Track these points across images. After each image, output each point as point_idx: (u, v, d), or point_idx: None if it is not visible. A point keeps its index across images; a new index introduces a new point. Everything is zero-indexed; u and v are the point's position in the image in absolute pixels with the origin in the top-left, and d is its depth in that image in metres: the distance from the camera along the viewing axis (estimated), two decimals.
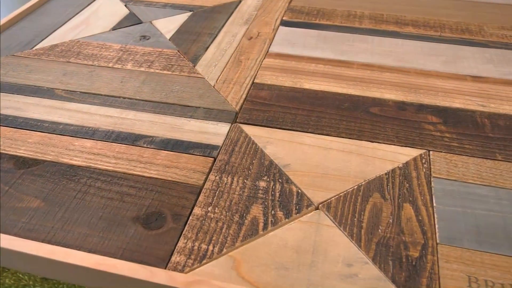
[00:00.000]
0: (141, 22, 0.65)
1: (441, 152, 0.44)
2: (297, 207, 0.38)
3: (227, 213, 0.38)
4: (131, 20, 0.65)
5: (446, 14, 0.68)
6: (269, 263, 0.34)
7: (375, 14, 0.67)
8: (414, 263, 0.34)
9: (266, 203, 0.39)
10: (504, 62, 0.57)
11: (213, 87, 0.52)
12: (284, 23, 0.65)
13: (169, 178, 0.41)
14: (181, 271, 0.34)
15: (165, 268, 0.34)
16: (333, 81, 0.53)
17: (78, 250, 0.35)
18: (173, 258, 0.34)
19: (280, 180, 0.41)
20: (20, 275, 0.37)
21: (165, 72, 0.55)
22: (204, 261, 0.34)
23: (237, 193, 0.40)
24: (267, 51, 0.59)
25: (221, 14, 0.67)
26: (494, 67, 0.56)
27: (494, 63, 0.57)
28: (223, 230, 0.36)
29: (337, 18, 0.66)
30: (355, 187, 0.40)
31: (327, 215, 0.38)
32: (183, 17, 0.66)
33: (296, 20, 0.66)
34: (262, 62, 0.56)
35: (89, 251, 0.35)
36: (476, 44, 0.61)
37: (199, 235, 0.36)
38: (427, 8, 0.69)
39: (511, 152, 0.44)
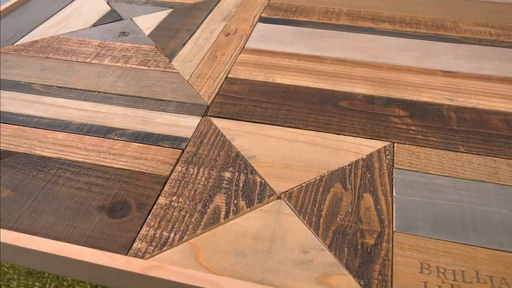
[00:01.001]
0: (121, 19, 0.66)
1: (405, 144, 0.45)
2: (259, 197, 0.39)
3: (191, 203, 0.39)
4: (111, 17, 0.66)
5: (423, 11, 0.69)
6: (227, 249, 0.35)
7: (353, 11, 0.68)
8: (369, 250, 0.35)
9: (229, 193, 0.40)
10: (476, 57, 0.58)
11: (187, 81, 0.53)
12: (262, 20, 0.66)
13: (137, 169, 0.42)
14: (142, 257, 0.35)
15: (126, 255, 0.35)
16: (305, 76, 0.54)
17: (43, 237, 0.36)
18: (134, 245, 0.35)
19: (245, 171, 0.42)
20: (5, 269, 0.38)
21: (141, 67, 0.56)
22: (165, 248, 0.35)
23: (202, 183, 0.41)
24: (243, 47, 0.59)
25: (201, 11, 0.68)
26: (465, 62, 0.57)
27: (466, 58, 0.58)
28: (186, 219, 0.37)
29: (315, 15, 0.67)
30: (318, 177, 0.41)
31: (288, 204, 0.39)
32: (163, 14, 0.67)
33: (275, 17, 0.67)
34: (237, 57, 0.57)
35: (54, 238, 0.36)
36: (450, 40, 0.61)
37: (161, 223, 0.37)
38: (405, 5, 0.70)
39: (474, 144, 0.45)
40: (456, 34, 0.63)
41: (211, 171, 0.42)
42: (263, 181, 0.41)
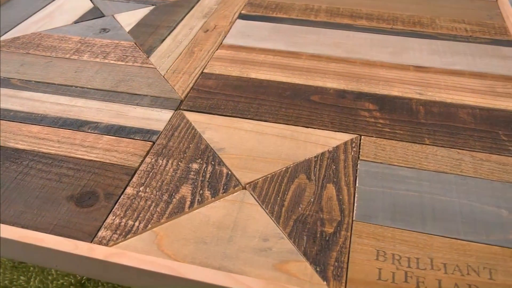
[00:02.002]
0: (103, 16, 0.67)
1: (372, 137, 0.46)
2: (224, 187, 0.40)
3: (157, 193, 0.40)
4: (94, 13, 0.67)
5: (401, 8, 0.69)
6: (189, 237, 0.36)
7: (332, 8, 0.69)
8: (327, 238, 0.36)
9: (195, 184, 0.40)
10: (450, 53, 0.59)
11: (163, 76, 0.54)
12: (242, 17, 0.67)
13: (107, 161, 0.43)
14: (106, 244, 0.36)
15: (91, 242, 0.36)
16: (279, 71, 0.55)
17: (12, 226, 0.37)
18: (99, 233, 0.36)
19: (212, 162, 0.43)
20: None
21: (119, 62, 0.57)
22: (129, 236, 0.36)
23: (169, 174, 0.41)
24: (221, 43, 0.60)
25: (182, 8, 0.69)
26: (439, 57, 0.58)
27: (439, 54, 0.59)
28: (151, 208, 0.38)
29: (294, 12, 0.68)
30: (283, 169, 0.42)
31: (252, 194, 0.39)
32: (144, 11, 0.68)
33: (254, 13, 0.68)
34: (214, 53, 0.58)
35: (22, 227, 0.37)
36: (425, 36, 0.62)
37: (127, 212, 0.38)
38: (383, 2, 0.71)
39: (440, 137, 0.46)
40: (432, 30, 0.64)
41: (179, 163, 0.43)
42: (229, 172, 0.42)
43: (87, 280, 0.47)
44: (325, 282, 0.33)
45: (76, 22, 0.65)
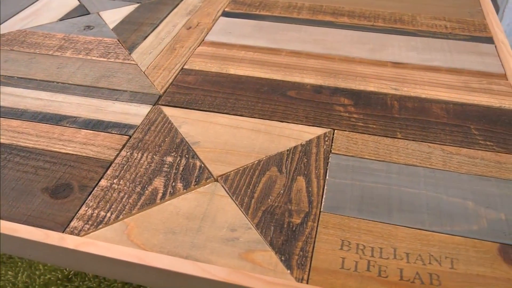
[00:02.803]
0: (88, 13, 0.68)
1: (345, 131, 0.46)
2: (196, 179, 0.41)
3: (131, 185, 0.40)
4: (79, 11, 0.68)
5: (383, 5, 0.70)
6: (159, 228, 0.37)
7: (315, 5, 0.70)
8: (294, 228, 0.37)
9: (169, 176, 0.41)
10: (428, 49, 0.59)
11: (143, 72, 0.55)
12: (225, 14, 0.68)
13: (84, 154, 0.44)
14: (77, 234, 0.36)
15: (63, 232, 0.37)
16: (258, 67, 0.56)
17: None
18: (72, 224, 0.37)
19: (186, 155, 0.43)
20: None
21: (101, 59, 0.57)
22: (100, 226, 0.37)
23: (143, 167, 0.42)
24: (203, 40, 0.61)
25: (167, 6, 0.70)
26: (417, 54, 0.59)
27: (418, 50, 0.59)
28: (123, 200, 0.39)
29: (277, 9, 0.69)
30: (256, 162, 0.43)
31: (223, 186, 0.40)
32: (129, 8, 0.69)
33: (237, 11, 0.68)
34: (195, 50, 0.59)
35: None
36: (405, 33, 0.63)
37: (100, 203, 0.39)
38: (366, 0, 0.72)
39: (412, 131, 0.46)
40: (412, 27, 0.64)
41: (154, 156, 0.43)
42: (202, 165, 0.42)
43: (74, 275, 0.48)
44: (288, 271, 0.34)
45: (61, 19, 0.66)
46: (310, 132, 0.46)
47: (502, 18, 1.17)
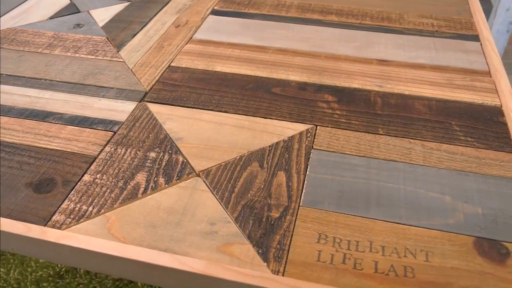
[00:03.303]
0: (78, 12, 0.68)
1: (328, 127, 0.47)
2: (178, 174, 0.41)
3: (113, 180, 0.41)
4: (69, 9, 0.69)
5: (371, 3, 0.71)
6: (139, 222, 0.37)
7: (303, 3, 0.70)
8: (272, 222, 0.37)
9: (151, 171, 0.42)
10: (414, 47, 0.60)
11: (131, 70, 0.55)
12: (214, 12, 0.68)
13: (68, 150, 0.44)
14: (59, 228, 0.37)
15: (45, 226, 0.37)
16: (245, 65, 0.56)
17: None
18: (54, 217, 0.38)
19: (170, 151, 0.44)
20: None
21: (89, 56, 0.58)
22: (82, 220, 0.38)
23: (127, 162, 0.43)
24: (191, 38, 0.62)
25: (156, 4, 0.70)
26: (403, 52, 0.59)
27: (404, 48, 0.60)
28: (106, 194, 0.40)
29: (266, 8, 0.69)
30: (238, 157, 0.43)
31: (204, 181, 0.41)
32: (119, 7, 0.69)
33: (227, 9, 0.69)
34: (183, 47, 0.60)
35: None
36: (392, 31, 0.64)
37: (82, 198, 0.39)
38: None
39: (394, 127, 0.47)
40: (399, 25, 0.65)
41: (137, 152, 0.44)
42: (185, 160, 0.43)
43: (66, 272, 0.48)
44: (265, 263, 0.34)
45: (51, 17, 0.67)
46: (293, 128, 0.47)
47: (495, 16, 1.18)
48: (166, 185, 0.40)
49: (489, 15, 1.29)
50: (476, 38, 0.62)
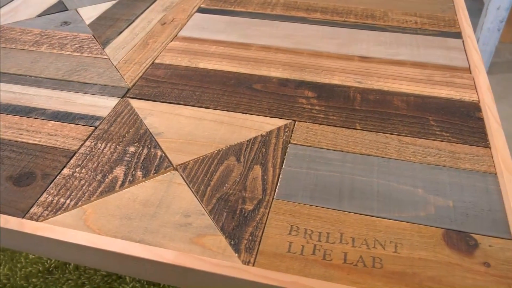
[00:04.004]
0: (66, 10, 0.69)
1: (306, 122, 0.48)
2: (156, 168, 0.42)
3: (92, 173, 0.42)
4: (58, 7, 0.69)
5: (356, 1, 0.71)
6: (115, 214, 0.38)
7: (289, 1, 0.71)
8: (246, 214, 0.38)
9: (129, 165, 0.43)
10: (396, 44, 0.60)
11: (115, 66, 0.56)
12: (201, 10, 0.69)
13: (49, 144, 0.45)
14: (36, 220, 0.38)
15: (23, 218, 0.38)
16: (227, 61, 0.57)
17: None
18: (32, 210, 0.38)
19: (149, 146, 0.45)
20: None
21: (74, 53, 0.59)
22: (59, 212, 0.38)
23: (106, 156, 0.43)
24: (176, 35, 0.62)
25: (144, 2, 0.71)
26: (384, 48, 0.60)
27: (386, 45, 0.60)
28: (84, 187, 0.40)
29: (252, 5, 0.70)
30: (215, 151, 0.44)
31: (181, 175, 0.42)
32: (107, 5, 0.70)
33: (213, 7, 0.70)
34: (167, 45, 0.60)
35: None
36: (375, 28, 0.64)
37: (61, 191, 0.40)
38: None
39: (371, 122, 0.48)
40: (383, 23, 0.65)
41: (117, 146, 0.45)
42: (163, 154, 0.44)
43: (55, 268, 0.49)
44: (236, 254, 0.35)
45: (39, 15, 0.67)
46: (272, 124, 0.47)
47: (486, 15, 1.18)
48: (144, 179, 0.41)
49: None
50: (458, 35, 0.63)
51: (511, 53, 1.41)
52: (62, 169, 0.42)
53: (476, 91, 0.52)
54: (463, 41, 0.61)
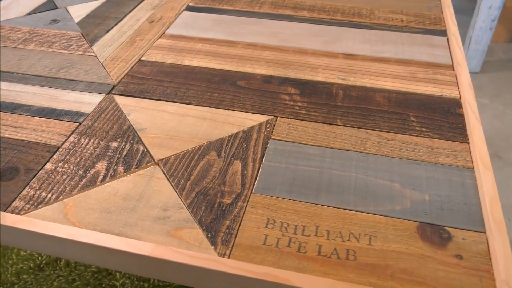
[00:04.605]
0: (56, 8, 0.70)
1: (288, 118, 0.48)
2: (138, 163, 0.43)
3: (74, 168, 0.42)
4: (47, 5, 0.70)
5: None
6: (95, 207, 0.39)
7: (277, 0, 0.72)
8: (224, 208, 0.39)
9: (111, 160, 0.43)
10: (381, 42, 0.61)
11: (101, 64, 0.57)
12: (189, 8, 0.69)
13: (33, 140, 0.45)
14: (17, 213, 0.38)
15: (4, 211, 0.38)
16: (213, 59, 0.58)
17: None
18: (14, 203, 0.39)
19: (131, 141, 0.45)
20: None
21: (62, 51, 0.59)
22: (40, 206, 0.39)
23: (89, 152, 0.44)
24: (163, 33, 0.63)
25: (133, 1, 0.71)
26: (370, 46, 0.60)
27: (371, 42, 0.61)
28: (65, 182, 0.41)
29: (240, 4, 0.70)
30: (196, 147, 0.45)
31: (162, 169, 0.42)
32: (96, 3, 0.70)
33: (201, 5, 0.70)
34: (154, 42, 0.61)
35: None
36: (361, 26, 0.65)
37: (43, 185, 0.41)
38: None
39: (352, 118, 0.48)
40: (369, 21, 0.66)
41: (100, 142, 0.45)
42: (145, 149, 0.44)
43: (46, 265, 0.49)
44: (212, 247, 0.35)
45: (29, 14, 0.68)
46: (254, 120, 0.48)
47: (478, 14, 1.19)
48: (125, 173, 0.42)
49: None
50: (443, 33, 0.63)
51: (504, 52, 1.41)
52: (45, 164, 0.43)
53: (458, 88, 0.53)
54: (447, 39, 0.62)
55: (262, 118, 0.48)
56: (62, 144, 0.45)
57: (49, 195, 0.40)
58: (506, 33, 1.50)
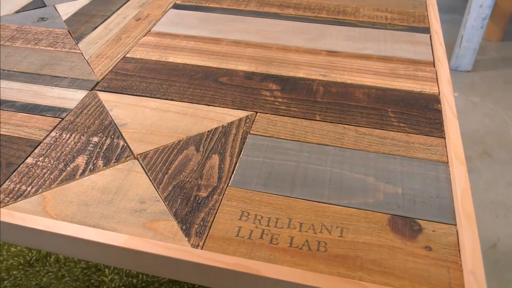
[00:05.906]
0: (44, 6, 0.70)
1: (267, 114, 0.49)
2: (117, 157, 0.43)
3: (54, 162, 0.43)
4: (36, 3, 0.71)
5: None
6: (73, 200, 0.39)
7: None
8: (199, 201, 0.39)
9: (91, 154, 0.44)
10: (364, 39, 0.62)
11: (86, 60, 0.57)
12: (176, 6, 0.70)
13: (16, 135, 0.46)
14: None
15: None
16: (197, 56, 0.58)
17: None
18: None
19: (112, 136, 0.46)
20: None
21: (48, 48, 0.60)
22: (20, 199, 0.40)
23: (69, 146, 0.45)
24: (149, 31, 0.64)
25: None
26: (352, 43, 0.61)
27: (354, 40, 0.62)
28: (45, 176, 0.42)
29: (226, 2, 0.71)
30: (176, 141, 0.45)
31: (140, 164, 0.43)
32: (84, 1, 0.71)
33: (188, 3, 0.71)
34: (140, 40, 0.62)
35: None
36: (345, 24, 0.65)
37: (23, 179, 0.41)
38: None
39: (331, 114, 0.49)
40: (354, 18, 0.67)
41: (81, 137, 0.46)
42: (125, 144, 0.45)
43: (36, 261, 0.50)
44: (186, 238, 0.36)
45: (17, 11, 0.69)
46: (234, 115, 0.49)
47: (469, 13, 1.19)
48: (104, 167, 0.42)
49: None
50: (426, 30, 0.64)
51: (496, 51, 1.42)
52: (26, 158, 0.44)
53: (437, 84, 0.53)
54: (430, 36, 0.63)
55: (242, 114, 0.49)
56: (44, 139, 0.46)
57: (29, 189, 0.40)
58: (498, 32, 1.51)
